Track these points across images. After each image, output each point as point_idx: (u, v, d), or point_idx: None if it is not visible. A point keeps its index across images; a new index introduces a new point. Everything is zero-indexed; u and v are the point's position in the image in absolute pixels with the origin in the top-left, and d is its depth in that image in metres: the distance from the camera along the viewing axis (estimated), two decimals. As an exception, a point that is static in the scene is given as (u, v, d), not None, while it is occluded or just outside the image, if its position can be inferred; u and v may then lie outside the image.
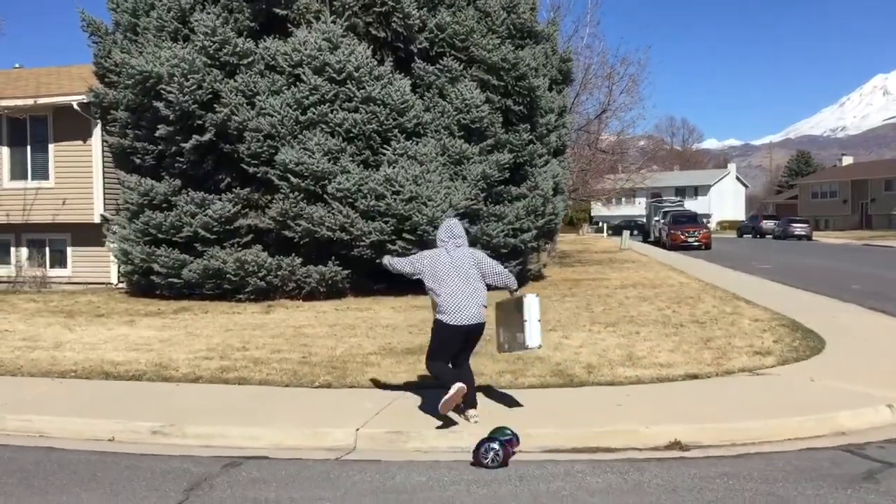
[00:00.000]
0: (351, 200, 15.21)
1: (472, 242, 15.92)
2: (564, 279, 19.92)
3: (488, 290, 6.66)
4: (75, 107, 18.74)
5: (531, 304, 6.62)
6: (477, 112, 16.27)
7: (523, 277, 18.07)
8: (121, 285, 19.23)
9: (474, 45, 16.53)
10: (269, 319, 13.06)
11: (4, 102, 19.24)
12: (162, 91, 15.40)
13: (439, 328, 6.50)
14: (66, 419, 6.88)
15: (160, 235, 16.00)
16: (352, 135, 15.51)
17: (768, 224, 62.64)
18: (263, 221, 15.97)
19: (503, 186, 17.01)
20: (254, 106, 15.43)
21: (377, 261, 15.79)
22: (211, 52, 15.41)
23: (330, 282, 15.59)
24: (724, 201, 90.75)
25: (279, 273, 15.50)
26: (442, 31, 16.39)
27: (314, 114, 15.30)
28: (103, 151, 19.18)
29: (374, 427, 6.35)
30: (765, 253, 35.77)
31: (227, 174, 16.20)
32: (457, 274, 6.50)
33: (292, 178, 15.21)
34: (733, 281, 18.64)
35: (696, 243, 39.54)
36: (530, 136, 17.18)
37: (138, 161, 16.81)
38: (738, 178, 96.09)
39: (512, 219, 16.68)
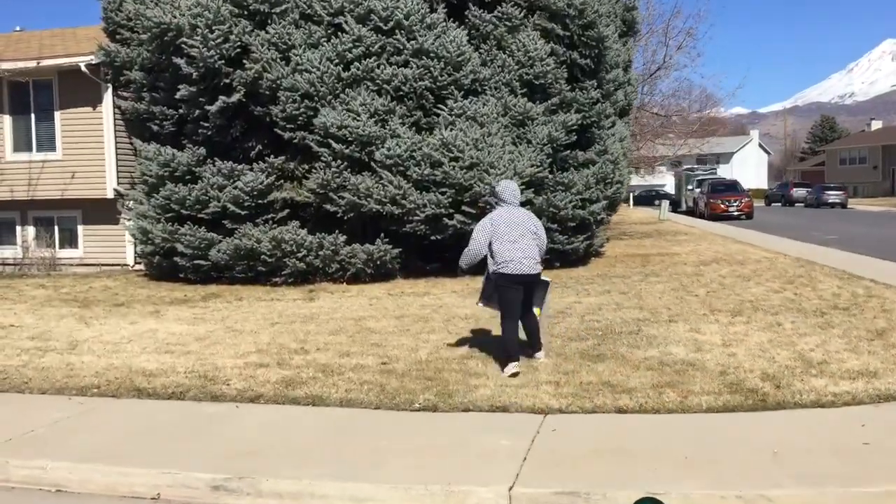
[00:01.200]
0: (402, 168, 13.24)
1: (538, 214, 13.99)
2: (628, 255, 17.96)
3: None
4: (83, 69, 16.73)
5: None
6: (542, 66, 14.23)
7: (587, 254, 16.10)
8: (138, 267, 17.35)
9: (536, -12, 14.44)
10: (318, 308, 11.17)
11: (5, 65, 17.24)
12: (183, 45, 13.40)
13: (498, 280, 7.12)
14: (93, 467, 5.00)
15: (184, 211, 14.08)
16: (401, 93, 13.50)
17: (799, 192, 60.22)
18: (301, 194, 14.03)
19: (569, 151, 15.01)
20: (289, 61, 13.42)
21: (432, 237, 14.04)
22: (238, -1, 13.39)
23: (378, 262, 13.66)
24: (747, 169, 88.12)
25: (320, 253, 13.57)
26: (499, -27, 14.29)
27: (358, 69, 13.29)
28: (115, 118, 17.20)
29: (531, 482, 4.45)
30: (815, 222, 33.68)
31: (259, 141, 14.24)
32: (517, 230, 7.10)
33: (334, 144, 13.24)
34: (820, 254, 16.64)
35: (737, 213, 37.43)
36: (598, 94, 15.13)
37: (156, 128, 14.86)
38: (760, 146, 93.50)
39: (581, 188, 14.69)
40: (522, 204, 7.75)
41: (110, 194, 17.39)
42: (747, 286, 11.78)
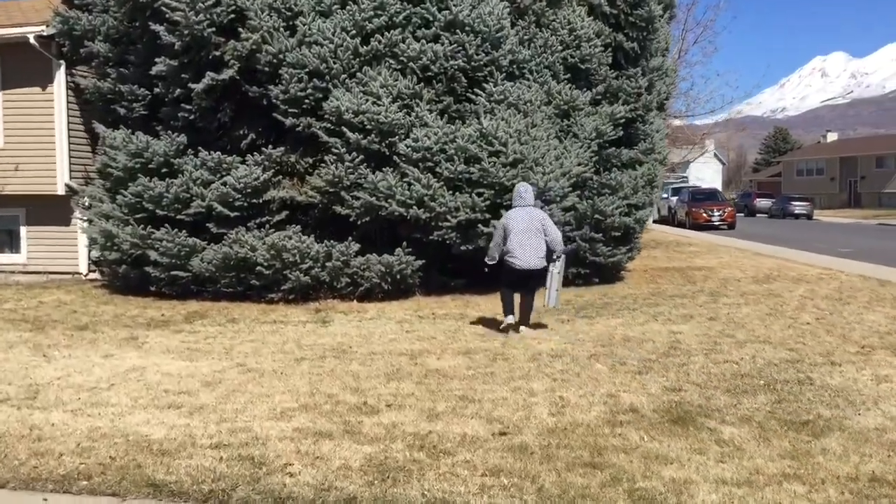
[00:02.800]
0: (431, 164, 11.00)
1: (580, 221, 11.93)
2: (656, 268, 16.00)
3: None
4: (32, 41, 14.01)
5: (552, 273, 8.85)
6: (589, 47, 12.17)
7: (620, 267, 14.01)
8: (93, 276, 14.71)
9: (581, -43, 12.38)
10: (341, 336, 8.86)
11: (-66, 36, 14.44)
12: (163, 8, 10.96)
13: (505, 269, 8.72)
14: None
15: (159, 212, 11.60)
16: (430, 73, 11.26)
17: (763, 202, 59.64)
18: (304, 193, 11.66)
19: (613, 148, 12.96)
20: (294, 31, 11.07)
21: (462, 247, 11.81)
22: (234, -47, 10.99)
23: (398, 276, 11.37)
24: (703, 179, 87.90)
25: (328, 264, 11.22)
26: (539, -62, 12.17)
27: (379, 43, 11.02)
28: (69, 101, 14.53)
29: None
30: (802, 233, 32.39)
31: (253, 128, 11.84)
32: (527, 228, 8.55)
33: (349, 133, 10.94)
34: (875, 271, 14.91)
35: (719, 222, 36.00)
36: (645, 83, 13.11)
37: (123, 111, 12.34)
38: (716, 156, 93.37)
39: (629, 191, 12.63)
40: (566, 209, 9.54)
41: (61, 190, 14.68)
42: (855, 311, 9.86)
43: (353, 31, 10.98)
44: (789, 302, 10.74)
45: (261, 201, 11.53)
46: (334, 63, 10.96)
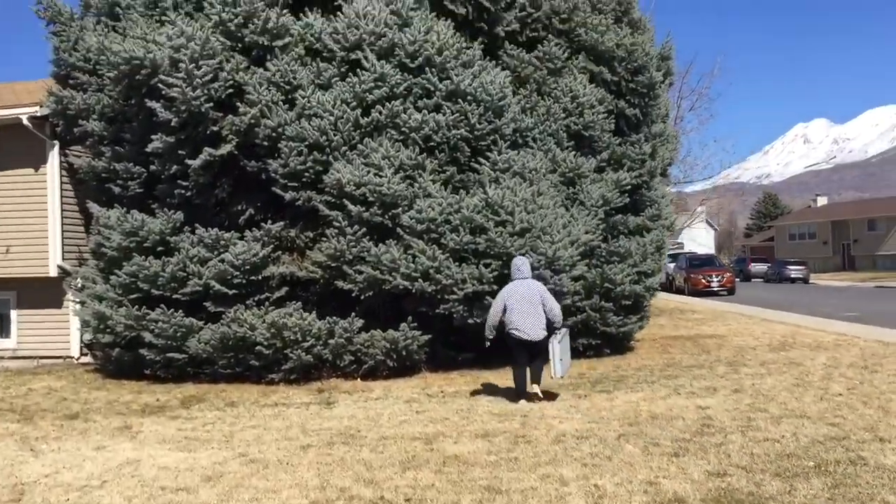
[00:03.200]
0: (436, 236, 10.67)
1: (589, 290, 11.54)
2: (664, 337, 15.57)
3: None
4: (25, 122, 13.82)
5: (554, 344, 8.94)
6: (592, 114, 12.00)
7: (630, 337, 13.56)
8: (85, 359, 14.20)
9: (579, 25, 12.33)
10: (347, 419, 8.37)
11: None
12: (160, 85, 10.74)
13: (513, 343, 9.02)
14: None
15: (154, 291, 11.17)
16: (432, 143, 11.04)
17: (758, 267, 59.47)
18: (304, 268, 11.28)
19: (620, 215, 12.68)
20: (293, 104, 10.87)
21: (470, 320, 11.39)
22: (231, 28, 10.86)
23: (404, 352, 10.91)
24: (695, 244, 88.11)
25: (330, 342, 10.77)
26: (537, 7, 12.14)
27: (380, 114, 10.81)
28: (62, 181, 14.27)
29: None
30: (802, 297, 32.06)
31: (251, 203, 11.52)
32: (526, 300, 8.91)
33: (350, 206, 10.63)
34: (886, 334, 14.50)
35: (718, 288, 35.71)
36: (649, 149, 12.92)
37: (118, 189, 12.02)
38: (707, 221, 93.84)
39: (638, 259, 12.30)
40: (575, 279, 10.31)
41: (53, 272, 14.28)
42: (885, 380, 9.43)
43: (354, 103, 10.77)
44: (813, 371, 10.29)
45: (260, 278, 11.14)
46: (335, 135, 10.73)
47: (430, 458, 6.40)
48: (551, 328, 9.02)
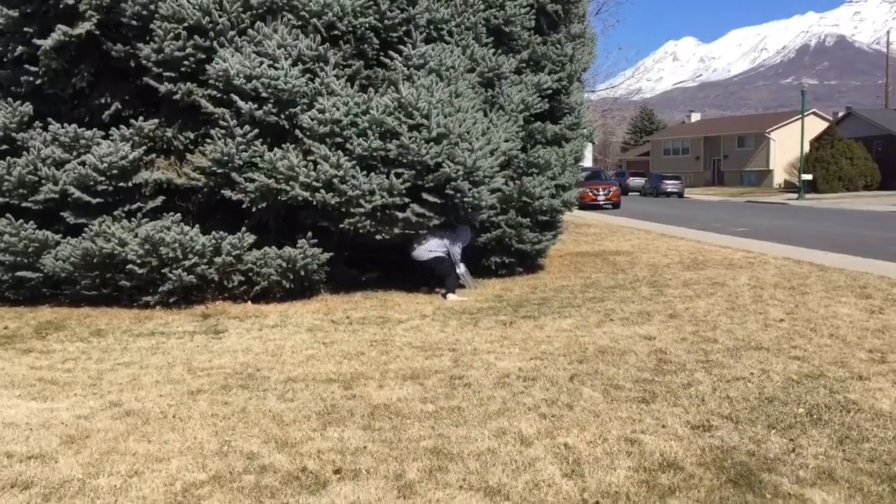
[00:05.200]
0: (341, 140, 9.28)
1: (506, 204, 10.59)
2: (570, 254, 14.90)
3: None
4: None
5: None
6: (513, 7, 10.73)
7: (543, 254, 12.66)
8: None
9: None
10: (241, 351, 7.11)
11: None
12: (-3, -57, 8.67)
13: None
14: None
15: (-1, 199, 9.35)
16: (336, 32, 9.53)
17: (636, 181, 60.65)
18: (185, 175, 9.69)
19: (538, 123, 11.61)
20: (169, -23, 9.04)
21: (378, 237, 10.17)
22: None
23: (302, 272, 9.61)
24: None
25: (216, 260, 9.33)
26: None
27: (275, -6, 9.16)
28: None
29: None
30: (685, 211, 32.56)
31: (118, 95, 9.73)
32: None
33: (240, 102, 9.06)
34: (793, 252, 14.32)
35: (604, 202, 35.85)
36: (571, 50, 11.81)
37: (-51, 73, 9.90)
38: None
39: (557, 170, 11.33)
40: (493, 191, 10.08)
41: None
42: (821, 303, 8.93)
43: (243, -21, 9.07)
44: (741, 293, 9.74)
45: (130, 185, 9.47)
46: (220, 16, 9.04)
47: (354, 409, 5.27)
48: None
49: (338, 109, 9.16)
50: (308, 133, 9.22)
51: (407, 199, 9.50)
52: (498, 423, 4.90)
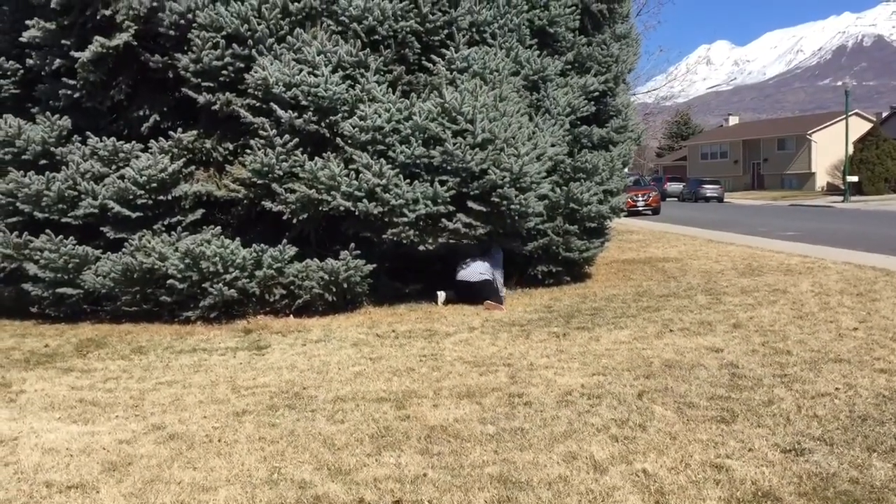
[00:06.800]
0: (383, 148, 9.01)
1: (552, 211, 10.22)
2: (617, 262, 14.47)
3: None
4: None
5: None
6: (557, 7, 10.39)
7: (591, 262, 12.22)
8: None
9: None
10: (286, 368, 6.83)
11: None
12: (34, -45, 8.54)
13: None
14: None
15: (38, 214, 9.21)
16: (376, 37, 9.26)
17: (674, 186, 59.82)
18: (224, 187, 9.47)
19: (584, 126, 11.24)
20: (206, -16, 8.85)
21: (421, 247, 9.86)
22: None
23: (345, 284, 9.32)
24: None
25: (258, 273, 9.09)
26: None
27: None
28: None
29: None
30: (727, 216, 31.86)
31: (156, 107, 9.56)
32: None
33: (279, 111, 8.83)
34: (852, 256, 13.74)
35: (643, 208, 35.22)
36: (617, 50, 11.44)
37: (-13, 89, 9.82)
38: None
39: (605, 175, 10.94)
40: (541, 197, 9.75)
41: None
42: (893, 309, 8.43)
43: (281, -16, 8.85)
44: (805, 300, 9.26)
45: (169, 198, 9.28)
46: (259, 24, 8.83)
47: (409, 431, 4.94)
48: None
49: (379, 116, 8.89)
50: (349, 141, 8.96)
51: (451, 208, 9.18)
52: (566, 447, 4.54)
